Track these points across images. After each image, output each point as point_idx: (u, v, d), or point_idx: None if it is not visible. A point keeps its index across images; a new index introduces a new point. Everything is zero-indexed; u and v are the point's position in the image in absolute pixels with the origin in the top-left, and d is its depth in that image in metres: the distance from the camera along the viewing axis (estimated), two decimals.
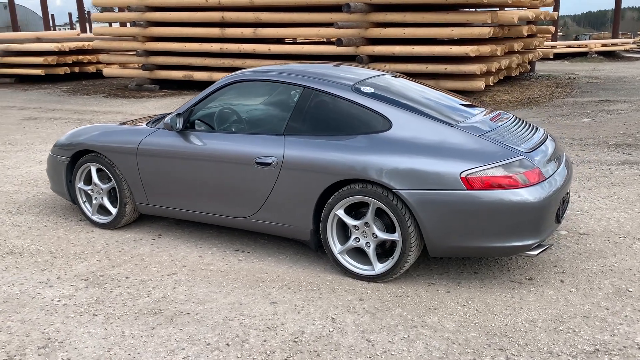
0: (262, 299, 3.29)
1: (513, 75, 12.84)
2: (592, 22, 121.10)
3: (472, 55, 10.29)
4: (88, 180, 4.58)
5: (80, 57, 16.43)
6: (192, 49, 12.97)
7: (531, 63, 14.17)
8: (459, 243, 3.29)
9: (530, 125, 3.94)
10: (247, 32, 12.33)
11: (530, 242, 3.26)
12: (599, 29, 74.87)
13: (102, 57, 14.70)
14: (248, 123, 4.03)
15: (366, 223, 3.46)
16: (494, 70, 11.06)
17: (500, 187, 3.18)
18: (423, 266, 3.71)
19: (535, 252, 3.30)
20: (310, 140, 3.60)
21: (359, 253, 3.59)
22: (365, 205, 3.46)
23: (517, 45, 11.99)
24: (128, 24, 13.94)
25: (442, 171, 3.24)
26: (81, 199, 4.63)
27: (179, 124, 4.02)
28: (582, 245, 3.96)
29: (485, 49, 10.53)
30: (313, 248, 3.72)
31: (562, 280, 3.45)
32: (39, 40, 16.94)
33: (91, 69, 16.84)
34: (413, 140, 3.40)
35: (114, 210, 4.48)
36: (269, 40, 12.73)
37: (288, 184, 3.64)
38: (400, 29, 10.98)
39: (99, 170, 4.51)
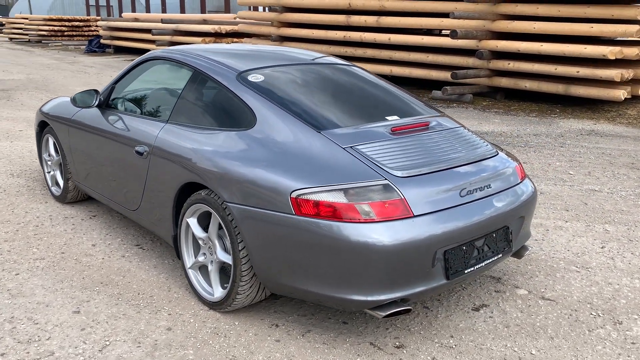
0: (74, 305, 2.89)
1: None
2: None
3: (612, 57, 8.47)
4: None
5: (236, 40, 17.24)
6: (318, 36, 12.76)
7: None
8: (288, 282, 2.54)
9: (468, 142, 2.94)
10: (371, 20, 11.72)
11: (375, 299, 2.39)
12: None
13: (244, 40, 15.23)
14: (149, 106, 3.62)
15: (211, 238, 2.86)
16: None
17: (334, 217, 2.36)
18: (297, 302, 2.98)
19: (383, 313, 2.41)
20: (183, 131, 3.08)
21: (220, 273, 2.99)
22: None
23: None
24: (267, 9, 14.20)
25: (274, 186, 2.51)
26: (45, 169, 4.65)
27: (95, 100, 3.76)
28: (525, 314, 2.86)
29: (632, 52, 8.60)
30: (177, 256, 3.20)
31: (434, 359, 2.49)
32: (204, 22, 18.15)
33: None
34: (264, 143, 2.70)
35: (62, 184, 4.41)
36: (391, 30, 11.98)
37: (153, 180, 3.18)
38: (530, 22, 9.49)
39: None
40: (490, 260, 2.70)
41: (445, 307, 2.94)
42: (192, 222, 2.94)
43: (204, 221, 2.94)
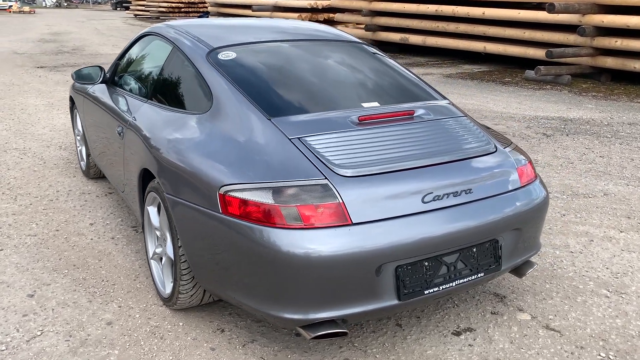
0: (33, 287, 2.82)
1: None
2: None
3: None
4: None
5: (332, 15, 16.91)
6: (409, 10, 12.12)
7: None
8: (219, 287, 2.26)
9: (459, 135, 2.45)
10: None
11: (307, 317, 2.05)
12: None
13: (337, 16, 14.88)
14: (138, 84, 3.44)
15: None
16: None
17: (260, 220, 2.03)
18: None
19: (312, 334, 2.06)
20: (156, 111, 2.88)
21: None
22: None
23: None
24: None
25: (205, 180, 2.23)
26: (77, 144, 4.71)
27: (99, 78, 3.66)
28: (515, 346, 2.36)
29: None
30: None
31: None
32: None
33: (339, 28, 17.21)
34: (210, 130, 2.43)
35: (86, 159, 4.43)
36: (485, 3, 11.06)
37: (126, 163, 3.02)
38: None
39: None
40: (467, 280, 2.24)
41: (422, 326, 2.52)
42: (152, 210, 2.74)
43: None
